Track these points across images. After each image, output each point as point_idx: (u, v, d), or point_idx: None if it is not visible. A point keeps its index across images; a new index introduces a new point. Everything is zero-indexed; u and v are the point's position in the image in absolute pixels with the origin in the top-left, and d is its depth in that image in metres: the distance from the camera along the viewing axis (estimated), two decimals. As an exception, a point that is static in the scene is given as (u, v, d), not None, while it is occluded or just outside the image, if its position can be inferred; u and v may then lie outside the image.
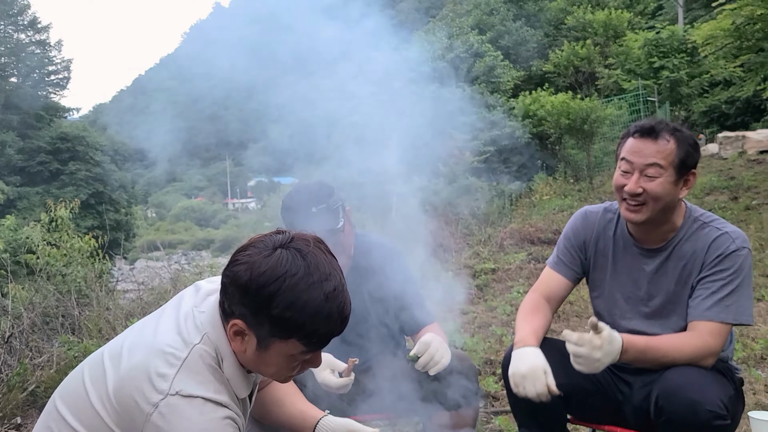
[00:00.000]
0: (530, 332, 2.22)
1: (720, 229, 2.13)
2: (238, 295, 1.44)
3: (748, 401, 3.50)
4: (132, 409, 1.40)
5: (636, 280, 2.25)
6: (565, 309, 5.58)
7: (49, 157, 36.21)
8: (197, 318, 1.53)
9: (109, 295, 5.93)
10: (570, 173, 15.64)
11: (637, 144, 2.11)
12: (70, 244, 6.63)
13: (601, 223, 2.36)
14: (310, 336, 1.44)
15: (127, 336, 1.59)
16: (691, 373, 1.97)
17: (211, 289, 1.60)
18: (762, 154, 13.45)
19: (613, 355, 1.98)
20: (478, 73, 20.21)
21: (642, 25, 23.95)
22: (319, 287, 1.41)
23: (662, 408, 1.95)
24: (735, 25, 12.08)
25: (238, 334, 1.47)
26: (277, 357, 1.49)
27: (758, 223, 8.64)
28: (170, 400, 1.38)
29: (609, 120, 15.76)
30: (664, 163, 2.06)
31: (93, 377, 1.51)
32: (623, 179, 2.13)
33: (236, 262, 1.45)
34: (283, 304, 1.39)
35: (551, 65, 23.07)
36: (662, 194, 2.08)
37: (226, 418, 1.44)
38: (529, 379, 2.07)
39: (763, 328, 4.85)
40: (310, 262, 1.43)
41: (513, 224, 10.63)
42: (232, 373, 1.52)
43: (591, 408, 2.31)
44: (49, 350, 4.49)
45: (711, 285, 2.08)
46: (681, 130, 2.12)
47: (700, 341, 2.04)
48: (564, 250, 2.42)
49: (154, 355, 1.45)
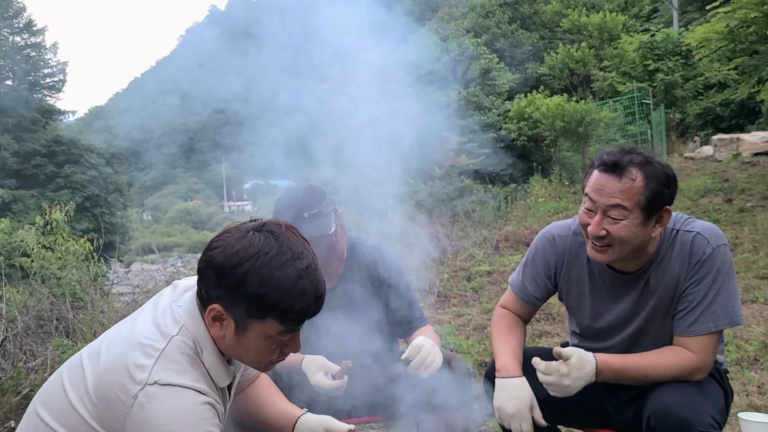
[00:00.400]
0: (511, 356, 2.17)
1: (691, 231, 2.01)
2: (213, 278, 1.46)
3: (741, 403, 3.52)
4: (112, 402, 1.41)
5: (621, 309, 2.12)
6: (561, 311, 5.58)
7: (44, 160, 36.13)
8: (175, 311, 1.56)
9: (104, 298, 5.91)
10: (565, 175, 15.66)
11: (601, 180, 1.91)
12: (65, 247, 6.60)
13: (572, 248, 2.20)
14: (285, 313, 1.45)
15: (106, 336, 1.60)
16: (682, 391, 1.91)
17: (188, 285, 1.63)
18: (756, 156, 13.51)
19: (585, 378, 1.96)
20: (474, 76, 20.23)
21: (637, 28, 24.01)
22: (291, 264, 1.44)
23: (654, 429, 1.90)
24: (729, 28, 12.12)
25: (217, 319, 1.49)
26: (256, 339, 1.50)
27: (752, 225, 8.67)
28: (149, 389, 1.39)
29: (604, 122, 15.81)
30: (629, 205, 1.87)
31: (72, 378, 1.51)
32: (586, 218, 1.97)
33: (211, 248, 1.49)
34: (257, 281, 1.42)
35: (546, 68, 23.11)
36: (628, 238, 1.91)
37: (206, 403, 1.46)
38: (516, 418, 2.05)
39: (756, 330, 4.86)
40: (282, 242, 1.46)
41: (508, 226, 10.65)
42: (212, 363, 1.54)
43: (581, 417, 2.28)
44: (44, 354, 4.47)
45: (693, 297, 1.98)
46: (652, 162, 1.90)
47: (686, 357, 1.97)
48: (530, 277, 2.29)
49: (132, 348, 1.46)
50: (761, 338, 4.64)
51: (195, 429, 1.40)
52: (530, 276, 2.29)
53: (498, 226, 11.01)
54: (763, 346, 4.49)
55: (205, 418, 1.44)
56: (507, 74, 22.31)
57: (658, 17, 26.77)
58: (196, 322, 1.53)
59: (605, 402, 2.24)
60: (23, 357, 4.44)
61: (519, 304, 2.35)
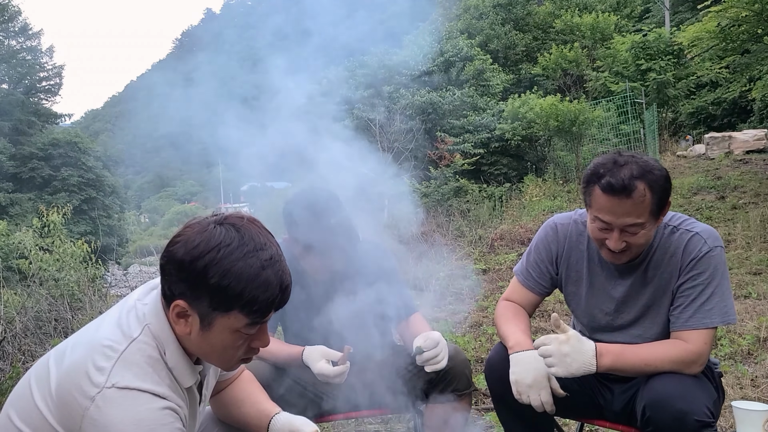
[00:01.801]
0: (522, 334, 2.19)
1: (690, 231, 2.07)
2: (175, 273, 1.44)
3: (734, 395, 3.57)
4: (70, 404, 1.39)
5: (615, 295, 2.19)
6: (557, 309, 5.63)
7: (41, 164, 36.07)
8: (139, 310, 1.53)
9: (102, 300, 5.95)
10: (559, 175, 15.74)
11: (610, 203, 1.94)
12: (63, 249, 6.64)
13: (573, 235, 2.27)
14: (250, 304, 1.43)
15: (74, 337, 1.59)
16: (677, 382, 1.94)
17: (155, 283, 1.60)
18: (748, 154, 13.61)
19: (584, 353, 1.97)
20: (468, 77, 20.30)
21: (629, 28, 24.07)
22: (254, 255, 1.42)
23: (650, 419, 1.92)
24: (720, 27, 12.18)
25: (181, 315, 1.47)
26: (222, 334, 1.47)
27: (745, 221, 8.74)
28: (106, 392, 1.37)
29: (597, 122, 15.89)
30: (644, 219, 1.94)
31: (38, 379, 1.50)
32: (602, 234, 2.03)
33: (172, 243, 1.46)
34: (219, 273, 1.39)
35: (540, 68, 23.16)
36: (645, 242, 2.02)
37: (165, 408, 1.42)
38: (534, 388, 2.05)
39: (749, 325, 4.91)
40: (244, 234, 1.44)
41: (503, 225, 10.71)
42: (175, 362, 1.51)
43: (576, 407, 2.30)
44: (42, 354, 4.50)
45: (690, 292, 2.03)
46: (651, 170, 1.94)
47: (684, 350, 2.00)
48: (533, 264, 2.35)
49: (93, 350, 1.44)
50: (754, 332, 4.70)
51: None
52: (534, 263, 2.35)
53: (493, 225, 11.08)
54: (756, 341, 4.55)
55: (164, 424, 1.40)
56: (501, 75, 22.39)
57: (650, 17, 26.83)
58: (160, 321, 1.50)
59: (598, 394, 2.29)
60: (22, 357, 4.47)
61: (523, 293, 2.38)
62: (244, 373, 1.96)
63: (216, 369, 1.77)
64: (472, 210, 12.08)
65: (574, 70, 22.58)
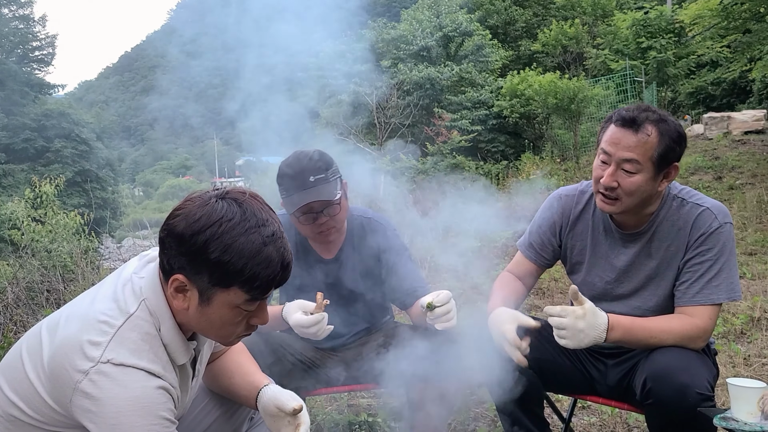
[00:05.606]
0: (501, 302, 2.19)
1: (701, 206, 2.06)
2: (175, 246, 1.41)
3: (728, 374, 3.59)
4: (62, 378, 1.38)
5: (617, 264, 2.18)
6: (550, 286, 5.63)
7: (34, 135, 35.77)
8: (136, 284, 1.51)
9: (95, 272, 5.92)
10: (557, 153, 15.70)
11: (617, 134, 1.99)
12: (56, 220, 6.60)
13: (578, 206, 2.27)
14: (251, 281, 1.41)
15: (67, 307, 1.57)
16: (679, 355, 1.93)
17: (153, 256, 1.57)
18: (746, 134, 13.55)
19: (597, 328, 1.93)
20: (467, 52, 20.14)
21: (630, 5, 23.86)
22: (256, 231, 1.40)
23: (651, 390, 1.91)
24: (723, 5, 12.09)
25: (180, 290, 1.44)
26: (221, 309, 1.45)
27: (741, 202, 8.75)
28: (101, 367, 1.36)
29: (596, 100, 15.81)
30: (642, 159, 1.95)
31: (30, 349, 1.49)
32: (600, 171, 2.04)
33: (172, 216, 1.44)
34: (220, 248, 1.37)
35: (539, 45, 22.97)
36: (637, 191, 2.00)
37: (159, 387, 1.42)
38: (507, 324, 2.03)
39: (743, 304, 4.93)
40: (246, 209, 1.42)
41: (499, 203, 10.68)
42: (170, 338, 1.49)
43: (567, 382, 2.30)
44: (34, 324, 4.48)
45: (698, 267, 2.02)
46: (666, 120, 1.99)
47: (690, 324, 1.99)
48: (536, 235, 2.35)
49: (89, 324, 1.42)
50: (747, 312, 4.72)
51: (144, 413, 1.37)
52: (536, 234, 2.35)
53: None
54: (750, 320, 4.57)
55: (158, 403, 1.40)
56: (500, 51, 22.21)
57: (652, -6, 26.60)
58: (157, 295, 1.48)
59: (590, 368, 2.28)
60: (13, 327, 4.46)
61: (524, 264, 2.38)
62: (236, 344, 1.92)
63: (211, 343, 1.75)
64: (469, 187, 12.04)
65: (574, 47, 22.40)
